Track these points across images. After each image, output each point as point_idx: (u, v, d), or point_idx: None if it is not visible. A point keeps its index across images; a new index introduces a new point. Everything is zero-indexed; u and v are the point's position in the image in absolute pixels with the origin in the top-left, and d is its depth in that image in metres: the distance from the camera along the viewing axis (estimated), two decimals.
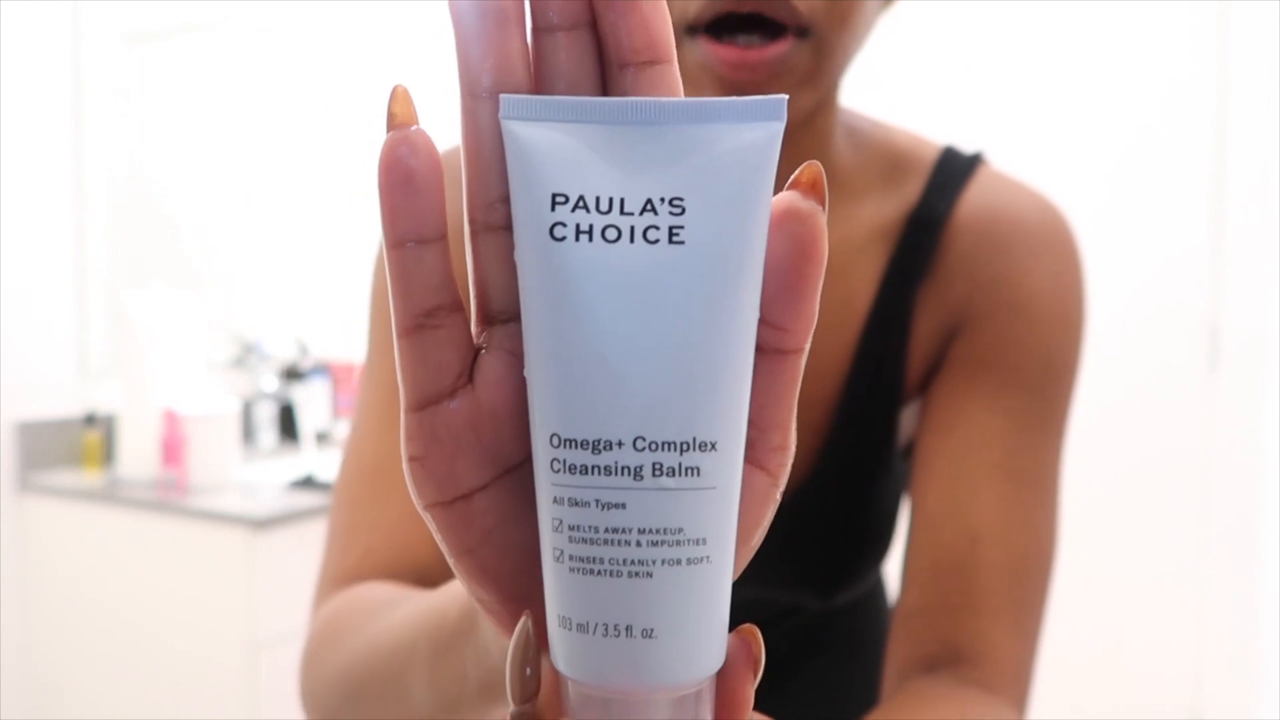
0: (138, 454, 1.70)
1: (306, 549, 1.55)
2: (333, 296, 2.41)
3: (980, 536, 0.55)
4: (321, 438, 2.13)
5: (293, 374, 2.10)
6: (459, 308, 0.25)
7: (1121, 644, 2.26)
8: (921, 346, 0.59)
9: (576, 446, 0.22)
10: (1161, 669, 2.22)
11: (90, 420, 1.77)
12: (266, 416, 2.05)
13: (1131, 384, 2.24)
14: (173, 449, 1.59)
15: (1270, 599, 2.09)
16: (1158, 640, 2.22)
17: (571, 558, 0.22)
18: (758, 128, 0.23)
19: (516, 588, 0.26)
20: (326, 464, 2.01)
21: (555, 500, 0.23)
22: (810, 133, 0.57)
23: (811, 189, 0.24)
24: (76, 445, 1.78)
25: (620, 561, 0.22)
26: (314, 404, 2.09)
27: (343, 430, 2.20)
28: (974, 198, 0.60)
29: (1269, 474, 2.08)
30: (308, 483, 1.66)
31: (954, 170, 0.61)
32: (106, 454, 1.79)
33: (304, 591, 1.64)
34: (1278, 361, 2.07)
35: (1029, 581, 0.56)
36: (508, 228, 0.25)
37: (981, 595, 0.55)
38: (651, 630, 0.22)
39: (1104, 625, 2.27)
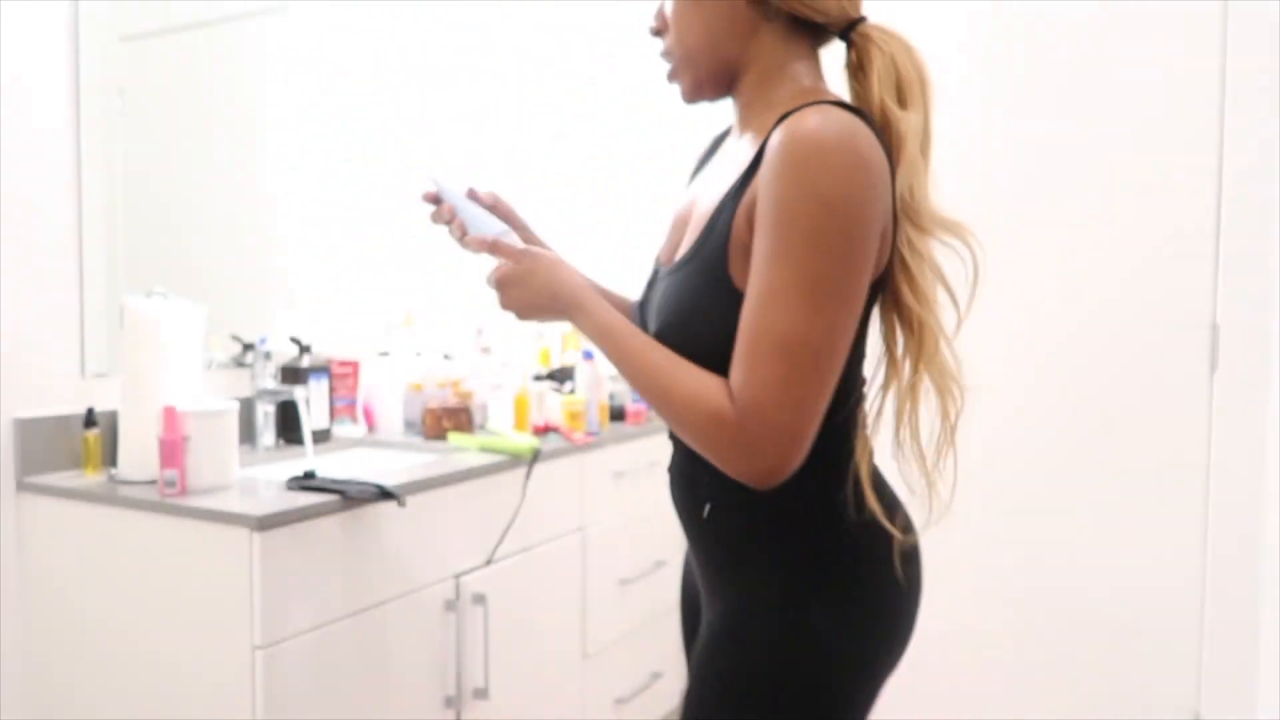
0: (137, 454, 1.69)
1: (306, 549, 1.55)
2: (333, 296, 2.41)
3: (740, 330, 0.94)
4: (321, 437, 2.13)
5: (293, 374, 2.10)
6: None
7: (1122, 644, 2.26)
8: (744, 211, 0.97)
9: None
10: (1161, 669, 2.22)
11: (90, 420, 1.77)
12: (266, 416, 2.05)
13: (1131, 384, 2.24)
14: (172, 449, 1.59)
15: (1270, 599, 2.09)
16: (1158, 640, 2.22)
17: None
18: None
19: None
20: (326, 464, 2.01)
21: None
22: (745, 90, 1.08)
23: None
24: (76, 445, 1.78)
25: None
26: (314, 404, 2.09)
27: (342, 430, 2.20)
28: (799, 112, 0.94)
29: (1269, 474, 2.08)
30: (308, 482, 1.66)
31: (814, 100, 0.96)
32: (106, 454, 1.78)
33: (304, 591, 1.64)
34: (1278, 361, 2.07)
35: (758, 347, 0.92)
36: None
37: (734, 358, 0.94)
38: None
39: (1104, 625, 2.27)
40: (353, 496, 1.62)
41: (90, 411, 1.77)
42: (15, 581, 1.74)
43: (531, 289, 1.06)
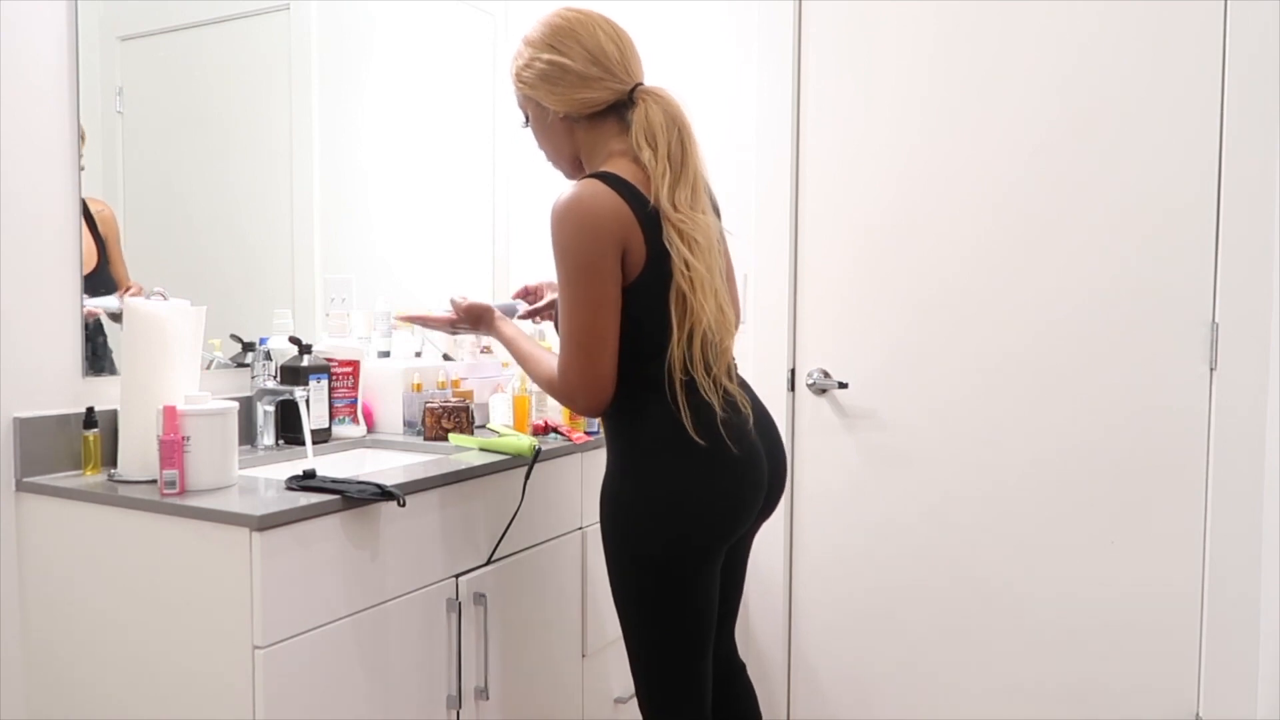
0: (137, 454, 1.69)
1: (306, 549, 1.55)
2: (333, 296, 2.41)
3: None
4: (321, 437, 2.13)
5: (293, 374, 2.10)
6: None
7: (1121, 644, 2.26)
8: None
9: None
10: (1161, 669, 2.22)
11: (90, 420, 1.76)
12: (266, 416, 2.05)
13: (1131, 382, 2.24)
14: (172, 449, 1.59)
15: (1270, 599, 2.09)
16: (1158, 640, 2.22)
17: None
18: None
19: None
20: (326, 464, 2.01)
21: None
22: (587, 164, 1.64)
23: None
24: (76, 445, 1.78)
25: None
26: (314, 404, 2.09)
27: (342, 430, 2.20)
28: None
29: (1269, 474, 2.08)
30: (308, 482, 1.66)
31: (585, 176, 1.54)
32: (106, 454, 1.78)
33: (304, 591, 1.64)
34: (1278, 361, 2.07)
35: (561, 339, 1.52)
36: None
37: None
38: None
39: (1104, 625, 2.27)
40: (353, 496, 1.62)
41: (90, 411, 1.77)
42: (15, 581, 1.74)
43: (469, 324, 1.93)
